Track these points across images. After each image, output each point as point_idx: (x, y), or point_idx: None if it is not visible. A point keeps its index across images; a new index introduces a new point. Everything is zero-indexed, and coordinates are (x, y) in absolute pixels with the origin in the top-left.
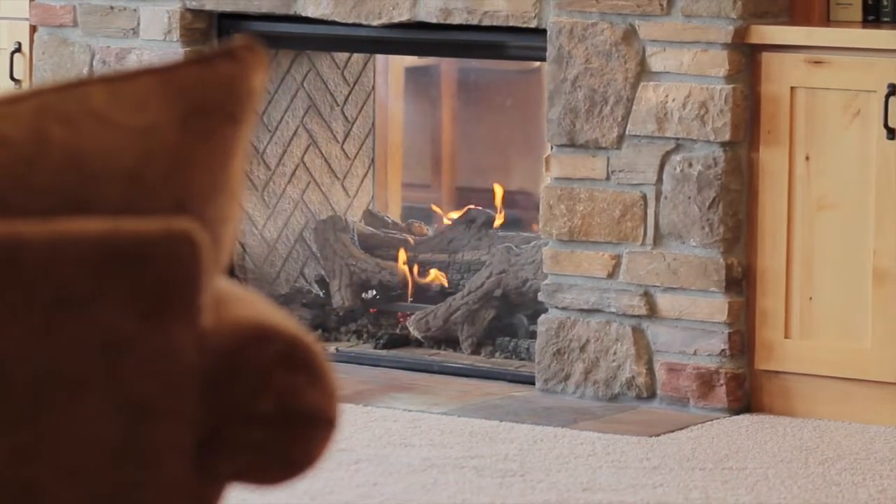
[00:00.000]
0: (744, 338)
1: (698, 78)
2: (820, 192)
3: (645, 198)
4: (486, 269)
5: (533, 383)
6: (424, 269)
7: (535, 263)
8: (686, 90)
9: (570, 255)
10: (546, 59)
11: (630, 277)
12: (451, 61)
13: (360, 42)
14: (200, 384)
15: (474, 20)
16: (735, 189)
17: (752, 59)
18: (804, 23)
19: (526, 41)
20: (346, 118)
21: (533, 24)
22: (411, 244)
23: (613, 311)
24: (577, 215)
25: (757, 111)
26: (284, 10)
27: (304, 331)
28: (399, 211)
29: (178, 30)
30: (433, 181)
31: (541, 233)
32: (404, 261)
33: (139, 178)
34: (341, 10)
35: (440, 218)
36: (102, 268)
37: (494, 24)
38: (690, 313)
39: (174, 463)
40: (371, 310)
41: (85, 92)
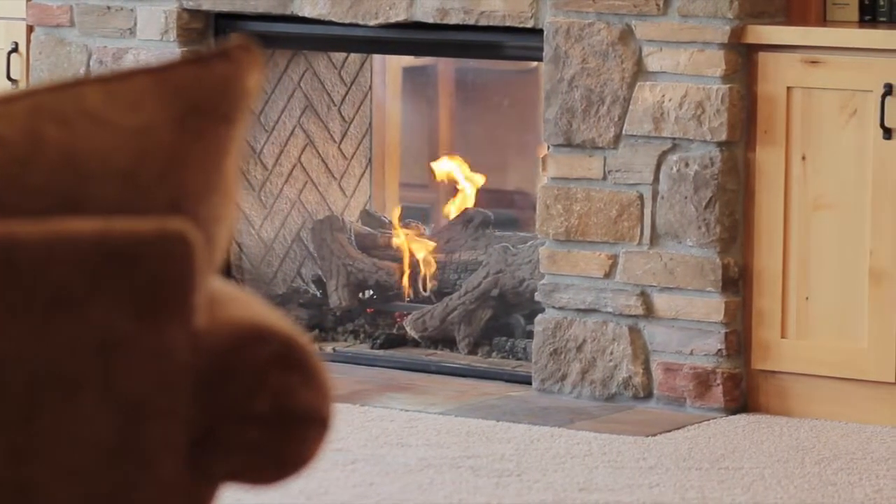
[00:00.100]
0: (740, 338)
1: (695, 78)
2: (816, 192)
3: (641, 197)
4: (483, 269)
5: (530, 383)
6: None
7: (531, 263)
8: (682, 90)
9: (567, 255)
10: (543, 59)
11: (627, 277)
12: (449, 61)
13: (356, 42)
14: (194, 384)
15: (471, 20)
16: (731, 189)
17: (748, 58)
18: (800, 23)
19: (522, 41)
20: (343, 118)
21: (529, 24)
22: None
23: (610, 310)
24: (573, 215)
25: (753, 111)
26: (281, 9)
27: (297, 331)
28: (397, 211)
29: (174, 30)
30: (431, 181)
31: (537, 232)
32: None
33: (134, 177)
34: (338, 10)
35: (439, 216)
36: (97, 268)
37: (491, 23)
38: (687, 313)
39: (168, 462)
40: (368, 310)
41: (79, 92)
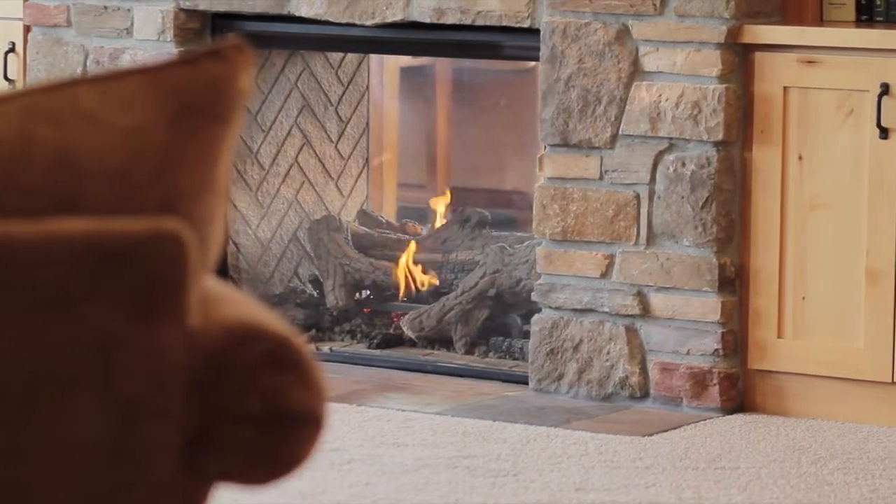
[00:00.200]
0: (737, 337)
1: (691, 78)
2: (813, 192)
3: (638, 197)
4: (480, 269)
5: (526, 383)
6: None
7: (528, 263)
8: (679, 90)
9: (564, 255)
10: (539, 59)
11: (623, 277)
12: (446, 61)
13: (353, 42)
14: (188, 384)
15: (468, 20)
16: (728, 189)
17: (745, 58)
18: (797, 22)
19: (519, 41)
20: (341, 118)
21: (526, 24)
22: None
23: (607, 310)
24: (570, 215)
25: (750, 111)
26: (278, 9)
27: (291, 330)
28: (394, 211)
29: (171, 30)
30: (428, 181)
31: (534, 232)
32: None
33: (127, 177)
34: (335, 10)
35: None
36: (90, 268)
37: (488, 23)
38: (683, 313)
39: (162, 462)
40: (365, 310)
41: (73, 92)
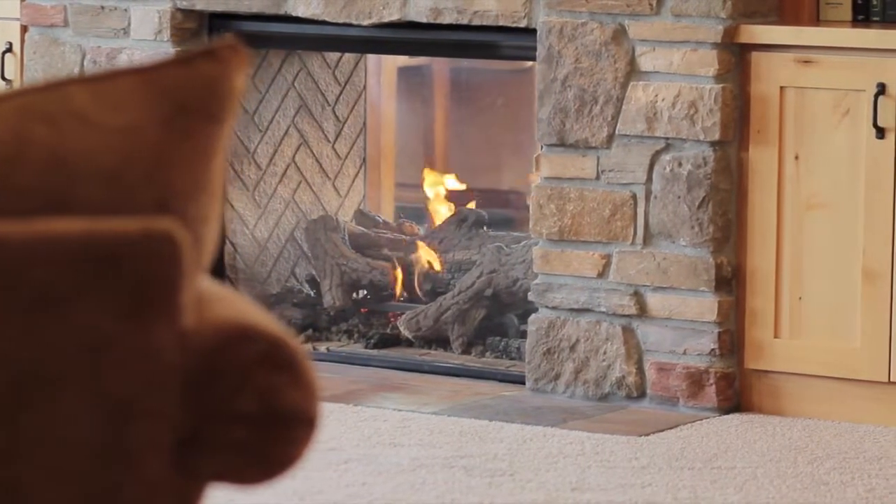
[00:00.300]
0: (733, 337)
1: (688, 77)
2: (809, 192)
3: (635, 197)
4: (477, 269)
5: (523, 383)
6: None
7: (525, 263)
8: (676, 90)
9: (560, 255)
10: (536, 59)
11: (620, 277)
12: (444, 61)
13: (350, 42)
14: (181, 384)
15: (464, 20)
16: (724, 188)
17: (741, 58)
18: (794, 22)
19: (516, 41)
20: (338, 118)
21: (523, 24)
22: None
23: (603, 310)
24: (567, 215)
25: (746, 111)
26: (275, 9)
27: (285, 330)
28: (392, 211)
29: (168, 29)
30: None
31: (531, 232)
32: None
33: (121, 177)
34: (331, 10)
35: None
36: (83, 268)
37: (484, 23)
38: (680, 313)
39: (155, 462)
40: (362, 309)
41: (67, 92)
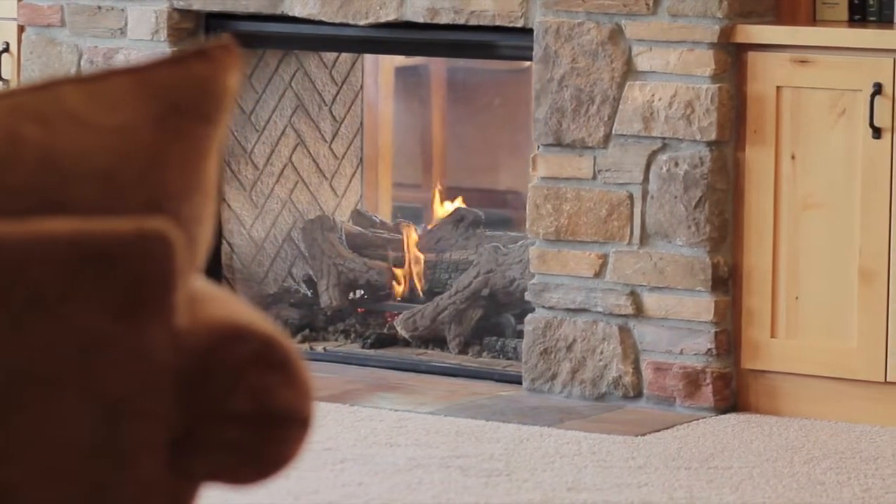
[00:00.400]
0: (730, 337)
1: (684, 77)
2: (806, 192)
3: (631, 197)
4: (474, 269)
5: (520, 383)
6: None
7: (522, 263)
8: (672, 89)
9: (557, 255)
10: (533, 59)
11: (617, 277)
12: (442, 61)
13: (347, 42)
14: (175, 383)
15: (461, 20)
16: (721, 188)
17: (738, 58)
18: (790, 22)
19: (513, 41)
20: (335, 118)
21: (519, 24)
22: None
23: (600, 310)
24: (563, 215)
25: (743, 110)
26: (271, 9)
27: (278, 330)
28: (389, 211)
29: (165, 29)
30: (423, 181)
31: (528, 232)
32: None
33: (114, 178)
34: (328, 10)
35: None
36: (76, 268)
37: (481, 23)
38: (677, 313)
39: (148, 462)
40: (359, 309)
41: (60, 92)
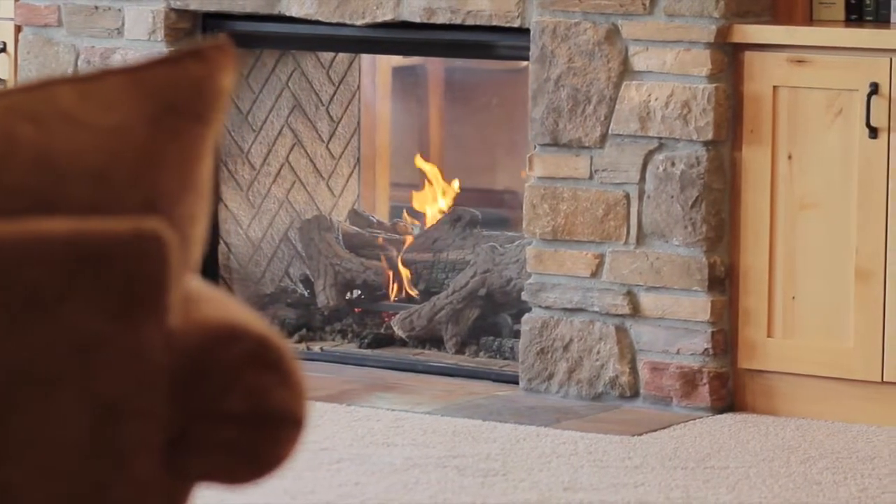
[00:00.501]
0: (727, 337)
1: (681, 77)
2: (802, 191)
3: (628, 197)
4: (471, 269)
5: (517, 382)
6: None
7: (519, 263)
8: (669, 89)
9: (554, 255)
10: (529, 59)
11: (613, 276)
12: (439, 61)
13: (344, 42)
14: (169, 383)
15: (458, 20)
16: (718, 188)
17: (734, 58)
18: (787, 22)
19: (509, 41)
20: (332, 118)
21: (516, 24)
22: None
23: (597, 310)
24: (560, 214)
25: (739, 110)
26: (268, 9)
27: (272, 330)
28: (387, 210)
29: (162, 29)
30: (421, 181)
31: (524, 232)
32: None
33: (108, 177)
34: (325, 10)
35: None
36: (71, 268)
37: (478, 23)
38: (673, 312)
39: (143, 462)
40: (356, 309)
41: (54, 92)
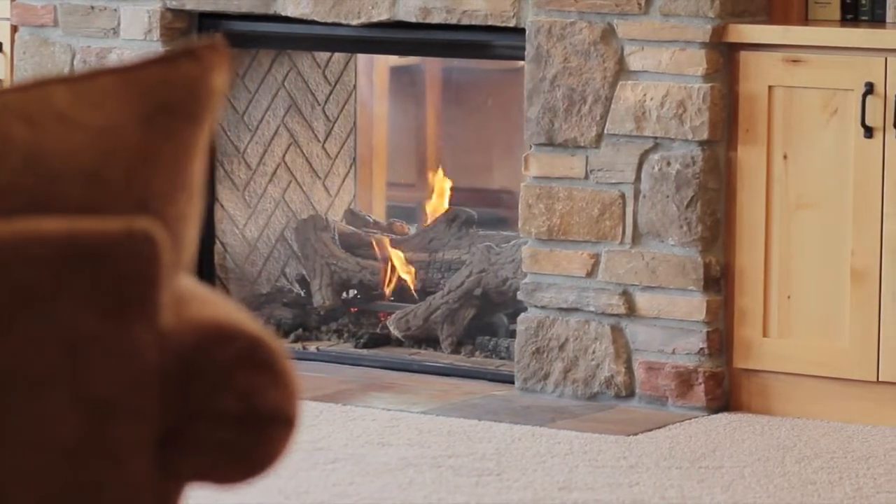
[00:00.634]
0: (722, 336)
1: (676, 77)
2: (798, 191)
3: (623, 197)
4: (467, 269)
5: (512, 382)
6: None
7: (514, 262)
8: (664, 89)
9: (549, 254)
10: (525, 59)
11: (609, 276)
12: (436, 61)
13: (339, 41)
14: (161, 383)
15: (453, 19)
16: (713, 188)
17: (729, 58)
18: (782, 21)
19: (505, 40)
20: (328, 117)
21: (512, 24)
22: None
23: (592, 309)
24: (555, 214)
25: (735, 110)
26: (264, 9)
27: (264, 330)
28: (383, 210)
29: (158, 29)
30: (418, 180)
31: (520, 232)
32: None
33: (100, 177)
34: (321, 10)
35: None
36: (63, 267)
37: (473, 23)
38: (669, 312)
39: (135, 462)
40: (352, 309)
41: (47, 92)
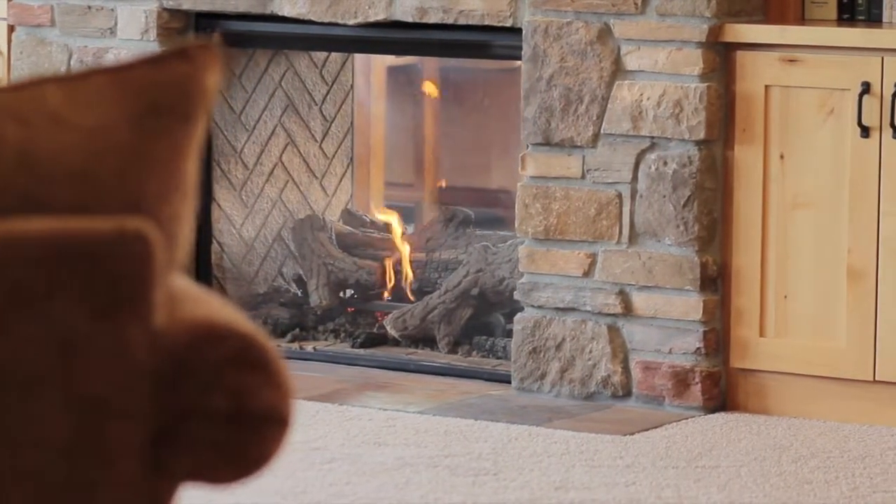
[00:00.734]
0: (719, 336)
1: (673, 76)
2: (794, 191)
3: (620, 196)
4: (464, 268)
5: (509, 382)
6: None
7: (511, 262)
8: (661, 89)
9: (546, 254)
10: (521, 58)
11: (605, 276)
12: (434, 60)
13: (336, 41)
14: (153, 382)
15: (450, 19)
16: (710, 187)
17: (726, 57)
18: (779, 21)
19: (502, 40)
20: (325, 117)
21: (508, 24)
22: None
23: (589, 309)
24: (552, 214)
25: (731, 110)
26: (261, 9)
27: (257, 330)
28: (381, 210)
29: (155, 29)
30: (416, 180)
31: (517, 231)
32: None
33: (93, 177)
34: (317, 10)
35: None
36: (55, 267)
37: (470, 23)
38: (665, 312)
39: (127, 461)
40: (348, 309)
41: (40, 91)
